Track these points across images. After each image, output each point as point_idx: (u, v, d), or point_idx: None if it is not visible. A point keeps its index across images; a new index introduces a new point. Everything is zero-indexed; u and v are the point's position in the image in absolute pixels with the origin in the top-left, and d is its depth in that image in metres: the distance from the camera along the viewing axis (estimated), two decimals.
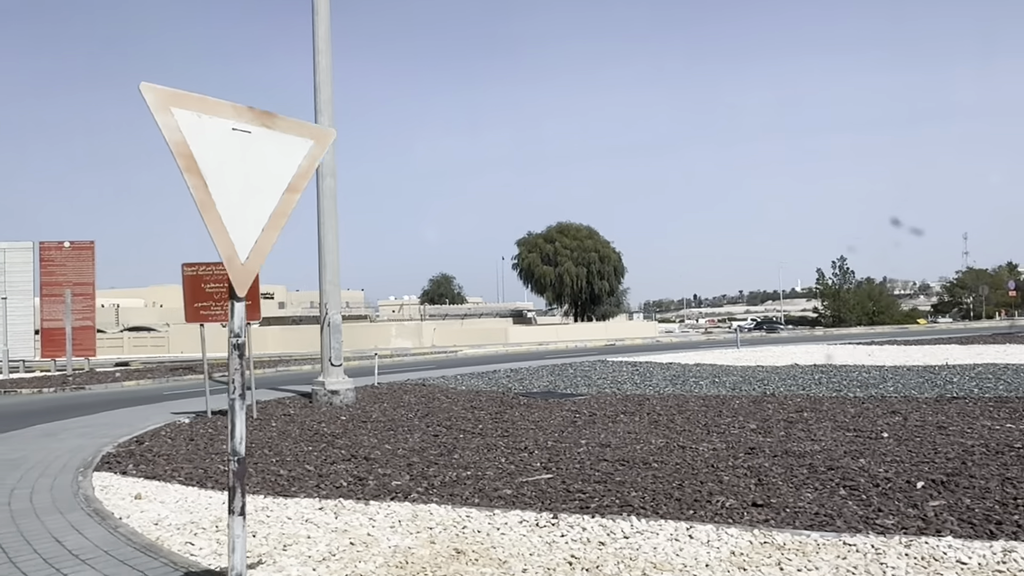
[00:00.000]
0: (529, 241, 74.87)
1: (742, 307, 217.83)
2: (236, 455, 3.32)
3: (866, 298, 64.09)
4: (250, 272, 3.37)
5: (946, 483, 6.47)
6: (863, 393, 13.33)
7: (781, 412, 11.24)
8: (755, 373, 18.35)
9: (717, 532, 5.31)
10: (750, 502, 6.12)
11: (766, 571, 4.57)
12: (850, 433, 9.12)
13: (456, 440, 9.77)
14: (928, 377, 15.73)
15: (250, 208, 3.39)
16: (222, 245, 3.28)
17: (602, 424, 10.72)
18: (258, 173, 3.43)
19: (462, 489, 7.00)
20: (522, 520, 5.84)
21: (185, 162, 3.20)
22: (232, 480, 3.31)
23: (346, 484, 7.44)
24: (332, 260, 15.16)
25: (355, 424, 11.72)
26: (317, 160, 3.62)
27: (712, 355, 26.60)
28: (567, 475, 7.44)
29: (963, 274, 76.48)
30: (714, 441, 8.97)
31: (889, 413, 10.69)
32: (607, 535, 5.38)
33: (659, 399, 13.49)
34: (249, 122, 3.40)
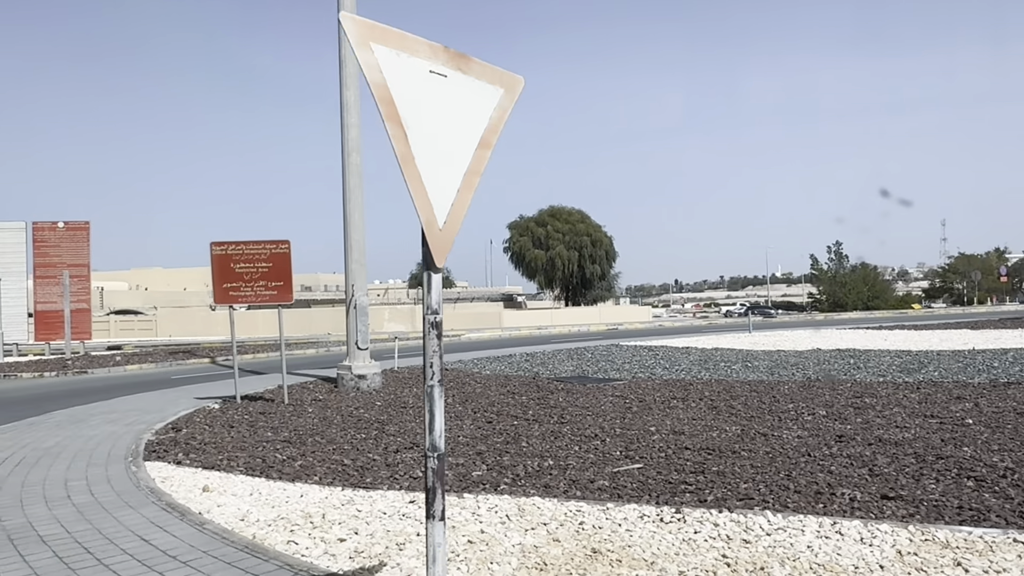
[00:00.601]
0: (520, 225, 74.25)
1: (723, 292, 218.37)
2: (436, 451, 2.86)
3: (861, 283, 64.13)
4: (448, 239, 2.91)
5: None
6: (910, 378, 13.01)
7: (839, 398, 10.88)
8: (783, 358, 18.02)
9: (867, 529, 4.92)
10: (877, 494, 5.73)
11: (949, 573, 4.18)
12: (932, 420, 8.76)
13: (514, 427, 9.34)
14: (965, 362, 15.46)
15: (446, 165, 2.92)
16: (421, 207, 2.81)
17: (658, 410, 10.32)
18: (452, 124, 2.96)
19: (553, 480, 6.58)
20: (642, 515, 5.43)
21: (386, 108, 2.73)
22: (432, 480, 2.85)
23: (422, 474, 6.99)
24: (358, 239, 14.63)
25: (395, 410, 11.26)
26: (507, 112, 3.15)
27: (726, 340, 26.28)
28: (656, 465, 7.04)
29: (955, 259, 76.86)
30: (792, 428, 8.59)
31: (954, 399, 10.36)
32: (744, 531, 4.98)
33: (701, 384, 13.11)
34: (444, 64, 2.92)
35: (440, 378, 2.88)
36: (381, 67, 2.70)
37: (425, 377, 2.87)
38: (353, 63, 14.55)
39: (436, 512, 2.85)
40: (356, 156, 14.58)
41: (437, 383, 2.86)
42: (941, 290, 78.77)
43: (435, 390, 2.86)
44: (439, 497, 2.85)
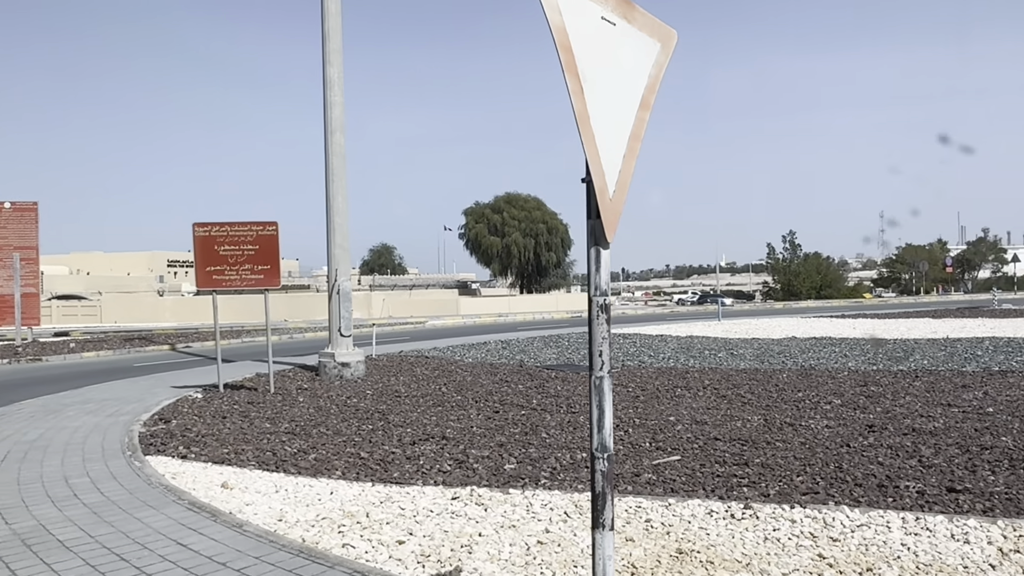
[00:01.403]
0: (476, 211, 73.68)
1: (669, 281, 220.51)
2: (605, 451, 2.51)
3: (814, 272, 65.16)
4: (617, 211, 2.55)
5: None
6: (903, 367, 13.01)
7: (844, 387, 10.78)
8: (765, 346, 18.00)
9: (954, 524, 4.71)
10: (941, 487, 5.54)
11: None
12: (953, 410, 8.67)
13: (525, 418, 9.01)
14: (949, 350, 15.57)
15: (614, 126, 2.56)
16: (595, 172, 2.45)
17: (667, 399, 10.08)
18: (619, 80, 2.60)
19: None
20: (709, 511, 5.15)
21: (566, 57, 2.36)
22: (601, 484, 2.50)
23: (450, 468, 6.63)
24: (341, 223, 14.10)
25: (390, 399, 10.84)
26: (663, 70, 2.79)
27: (697, 327, 26.26)
28: (694, 456, 6.78)
29: (902, 250, 78.62)
30: (816, 418, 8.41)
31: (960, 388, 10.32)
32: (825, 528, 4.73)
33: (698, 373, 12.93)
34: (613, 10, 2.56)
35: (610, 368, 2.52)
36: (561, 8, 2.33)
37: (592, 367, 2.51)
38: (337, 38, 14.01)
39: (606, 521, 2.50)
40: (340, 136, 14.04)
41: (607, 374, 2.51)
42: (889, 280, 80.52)
43: (604, 382, 2.51)
44: (609, 504, 2.50)
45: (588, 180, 2.48)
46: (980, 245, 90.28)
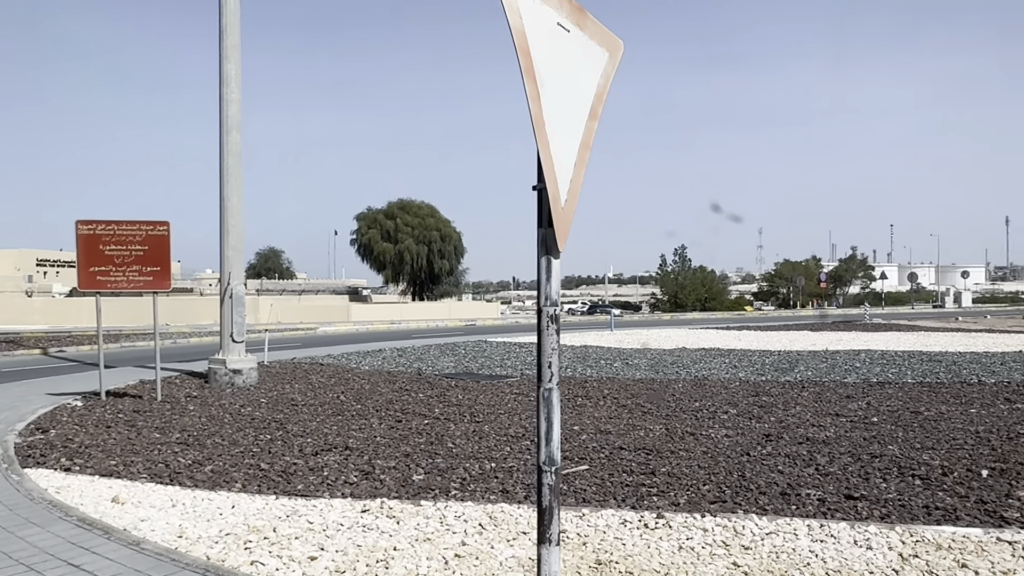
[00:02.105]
0: (369, 216, 72.68)
1: None
2: (553, 464, 2.46)
3: (700, 285, 67.41)
4: (568, 219, 2.51)
5: (1005, 471, 6.40)
6: (790, 377, 13.54)
7: (738, 396, 11.12)
8: (658, 356, 18.41)
9: (856, 531, 4.89)
10: (840, 495, 5.76)
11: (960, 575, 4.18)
12: (842, 419, 9.05)
13: (430, 427, 8.90)
14: (830, 362, 16.31)
15: (566, 134, 2.52)
16: (549, 179, 2.40)
17: (570, 409, 10.15)
18: (571, 88, 2.56)
19: (505, 484, 6.22)
20: (624, 521, 5.18)
21: (525, 61, 2.30)
22: (548, 498, 2.45)
23: (357, 479, 6.46)
24: (236, 224, 13.60)
25: (287, 408, 10.50)
26: (610, 80, 2.77)
27: (591, 337, 26.66)
28: (602, 466, 6.84)
29: (780, 266, 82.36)
30: (715, 427, 8.63)
31: (844, 398, 10.81)
32: (736, 536, 4.83)
33: (597, 382, 13.09)
34: (568, 16, 2.52)
35: (558, 380, 2.48)
36: (521, 11, 2.28)
37: (541, 379, 2.46)
38: (235, 33, 13.55)
39: (552, 536, 2.45)
40: (236, 135, 13.56)
41: (556, 386, 2.47)
42: (768, 294, 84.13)
43: (553, 394, 2.47)
44: (556, 519, 2.45)
45: (541, 188, 2.44)
46: (851, 262, 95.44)
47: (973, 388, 11.69)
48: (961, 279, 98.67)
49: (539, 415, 2.48)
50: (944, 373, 13.76)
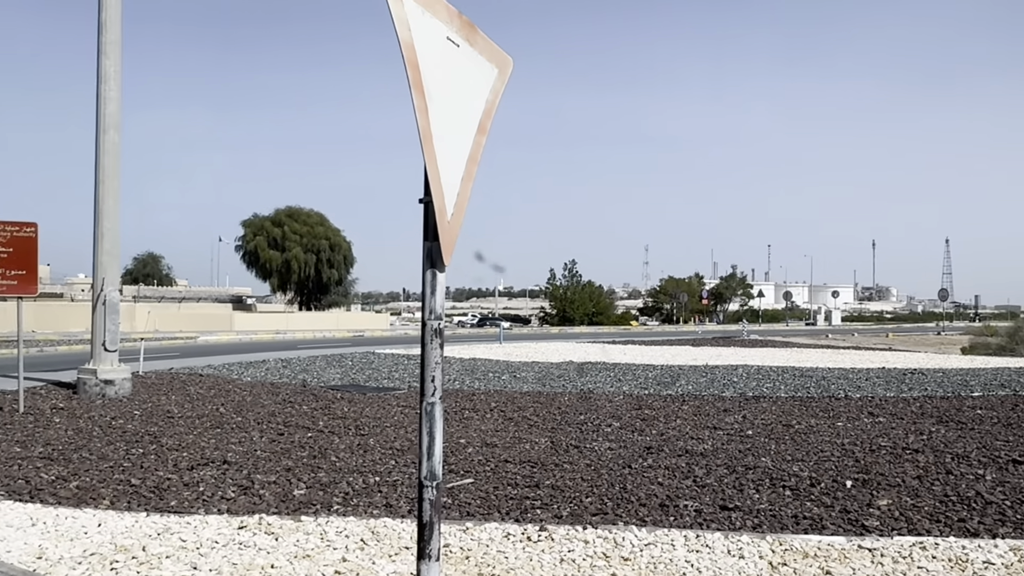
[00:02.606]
0: (256, 223, 70.78)
1: (449, 303, 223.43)
2: (435, 479, 2.44)
3: (588, 300, 68.68)
4: (455, 233, 2.50)
5: (867, 482, 6.75)
6: (671, 391, 13.92)
7: (622, 409, 11.36)
8: (545, 369, 18.61)
9: (730, 541, 5.06)
10: (716, 505, 5.96)
11: None
12: (719, 432, 9.36)
13: (313, 440, 8.72)
14: (709, 376, 16.87)
15: (453, 148, 2.52)
16: (436, 193, 2.39)
17: (456, 421, 10.13)
18: (459, 103, 2.56)
19: (388, 498, 6.16)
20: (507, 534, 5.20)
21: (413, 74, 2.28)
22: (429, 513, 2.43)
23: (235, 495, 6.26)
24: (111, 227, 13.00)
25: (162, 420, 10.08)
26: (499, 96, 2.79)
27: (480, 350, 26.71)
28: (487, 479, 6.86)
29: (665, 282, 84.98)
30: (599, 440, 8.78)
31: (722, 412, 11.19)
32: (616, 547, 4.92)
33: (484, 395, 13.12)
34: (458, 31, 2.52)
35: (441, 394, 2.47)
36: (410, 24, 2.27)
37: (424, 393, 2.45)
38: (116, 29, 12.99)
39: (433, 552, 2.44)
40: (115, 134, 12.98)
41: (439, 400, 2.45)
42: (653, 309, 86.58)
43: (436, 408, 2.45)
44: (436, 534, 2.44)
45: (427, 201, 2.43)
46: (731, 280, 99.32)
47: (840, 402, 12.31)
48: (832, 298, 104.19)
49: (421, 429, 2.46)
50: (814, 388, 14.44)
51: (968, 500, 6.07)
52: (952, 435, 9.07)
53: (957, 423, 9.99)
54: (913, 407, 11.61)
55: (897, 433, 9.22)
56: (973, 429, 9.50)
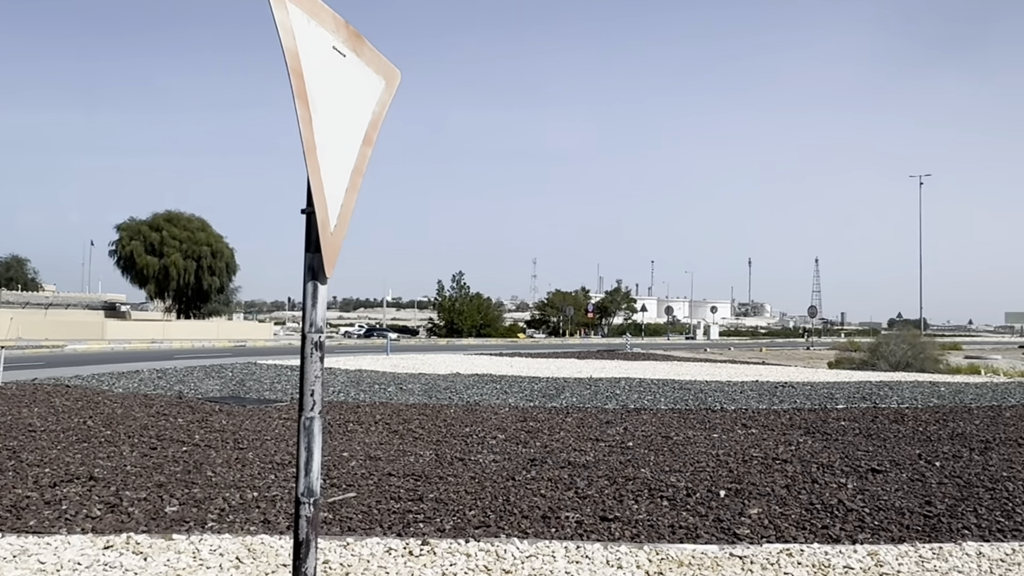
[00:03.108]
0: (132, 227, 67.72)
1: (335, 313, 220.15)
2: (312, 496, 2.39)
3: (476, 311, 68.82)
4: (338, 245, 2.46)
5: (739, 491, 7.02)
6: (556, 404, 14.11)
7: (507, 422, 11.43)
8: (432, 381, 18.53)
9: (609, 551, 5.16)
10: (596, 516, 6.07)
11: None
12: (601, 444, 9.54)
13: (188, 455, 8.40)
14: (592, 388, 17.19)
15: (338, 159, 2.48)
16: (319, 204, 2.34)
17: (340, 434, 9.97)
18: (345, 114, 2.53)
19: (267, 514, 5.99)
20: (388, 548, 5.14)
21: (297, 83, 2.24)
22: (306, 531, 2.37)
23: (101, 513, 5.97)
24: None
25: (22, 434, 9.50)
26: (386, 108, 2.77)
27: (366, 361, 26.36)
28: (370, 493, 6.77)
29: (552, 295, 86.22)
30: (484, 452, 8.81)
31: (604, 424, 11.42)
32: (498, 560, 4.95)
33: (369, 407, 12.96)
34: (344, 41, 2.49)
35: (321, 409, 2.43)
36: (295, 31, 2.24)
37: (303, 407, 2.40)
38: None
39: (309, 570, 2.39)
40: None
41: (318, 415, 2.41)
42: (540, 322, 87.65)
43: (315, 423, 2.41)
44: (313, 551, 2.39)
45: (310, 212, 2.40)
46: (615, 295, 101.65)
47: (716, 414, 12.77)
48: (711, 313, 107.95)
49: (299, 444, 2.41)
50: (692, 400, 14.92)
51: (831, 508, 6.40)
52: (818, 446, 9.55)
53: (823, 434, 10.52)
54: (783, 419, 12.15)
55: (768, 444, 9.62)
56: (837, 440, 10.02)
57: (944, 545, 5.39)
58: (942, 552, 5.22)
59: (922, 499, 6.72)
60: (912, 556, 5.13)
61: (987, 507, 6.49)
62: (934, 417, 12.40)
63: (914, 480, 7.51)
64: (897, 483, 7.37)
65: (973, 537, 5.64)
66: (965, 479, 7.56)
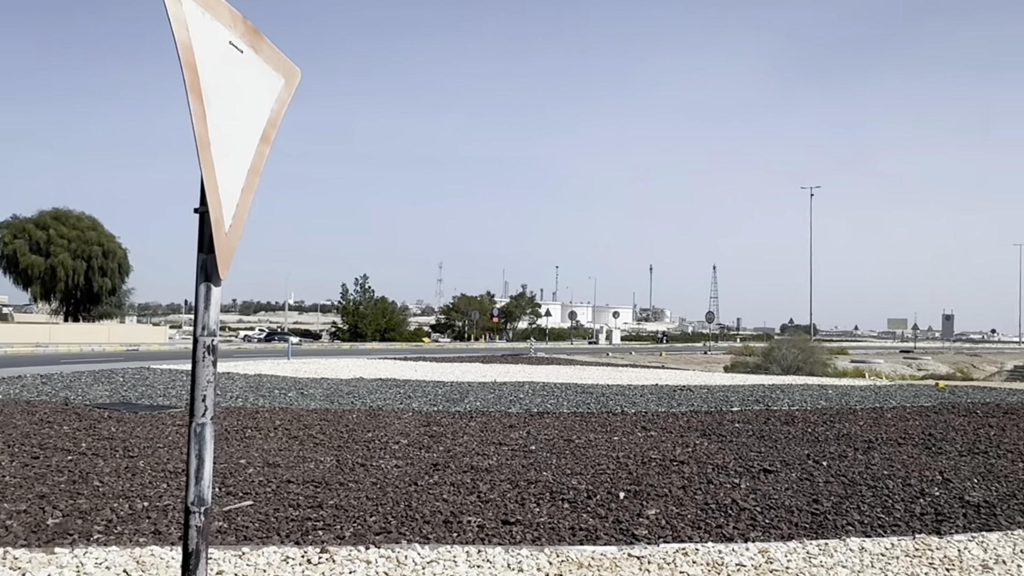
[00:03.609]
0: (16, 225, 64.31)
1: (235, 316, 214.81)
2: (203, 505, 2.31)
3: (380, 315, 68.09)
4: (233, 245, 2.38)
5: (638, 493, 7.16)
6: (460, 408, 14.10)
7: (410, 427, 11.35)
8: (334, 386, 18.24)
9: (510, 555, 5.18)
10: (498, 520, 6.09)
11: None
12: (504, 448, 9.57)
13: (73, 464, 8.03)
14: (497, 392, 17.24)
15: (234, 157, 2.41)
16: (213, 203, 2.27)
17: (237, 440, 9.70)
18: (242, 111, 2.45)
19: (158, 524, 5.78)
20: (286, 557, 5.03)
21: (191, 77, 2.16)
22: (196, 541, 2.28)
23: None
24: None
25: None
26: (285, 106, 2.70)
27: (266, 366, 25.72)
28: (267, 501, 6.61)
29: (457, 300, 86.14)
30: (386, 458, 8.72)
31: (508, 428, 11.47)
32: (399, 566, 4.91)
33: (269, 413, 12.65)
34: (242, 37, 2.42)
35: (214, 414, 2.35)
36: (188, 24, 2.16)
37: (194, 413, 2.32)
38: None
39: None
40: None
41: (210, 421, 2.34)
42: (445, 326, 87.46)
43: (206, 430, 2.33)
44: (203, 563, 2.31)
45: (203, 211, 2.32)
46: (520, 299, 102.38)
47: (617, 417, 12.99)
48: (613, 319, 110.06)
49: (190, 451, 2.33)
50: (594, 404, 15.15)
51: (725, 507, 6.59)
52: (714, 447, 9.83)
53: (718, 436, 10.83)
54: (681, 421, 12.46)
55: (666, 446, 9.85)
56: (732, 441, 10.34)
57: (830, 541, 5.63)
58: (828, 548, 5.45)
59: (810, 497, 7.00)
60: (800, 552, 5.33)
61: (869, 504, 6.81)
62: (822, 419, 12.94)
63: (803, 479, 7.81)
64: (787, 482, 7.66)
65: (856, 533, 5.90)
66: (850, 478, 7.91)
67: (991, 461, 9.05)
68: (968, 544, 5.63)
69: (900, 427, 11.98)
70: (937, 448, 9.97)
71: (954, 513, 6.56)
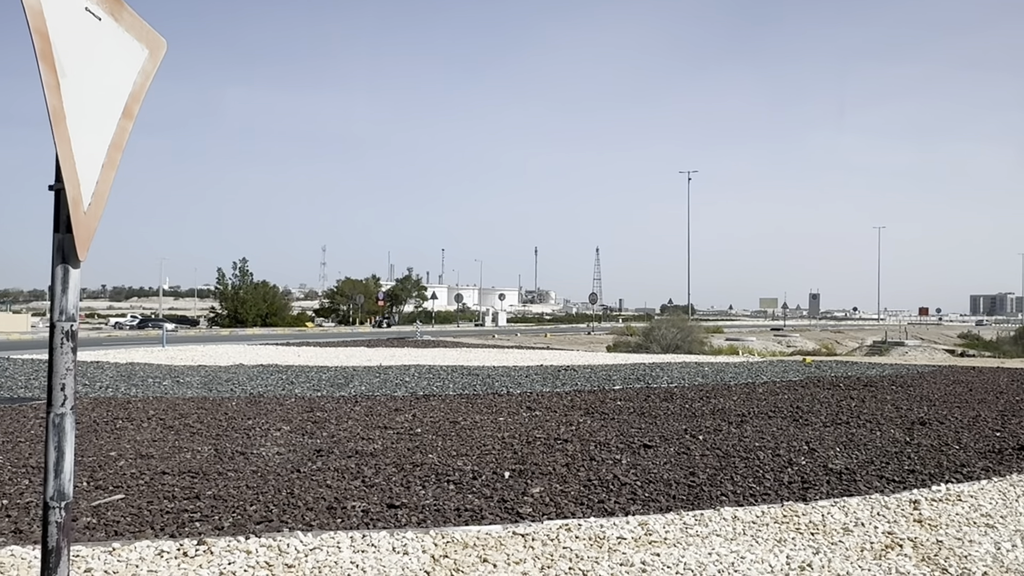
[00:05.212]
0: None
1: (105, 303, 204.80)
2: (64, 499, 2.18)
3: (261, 300, 66.17)
4: (92, 225, 2.24)
5: (523, 472, 7.24)
6: (345, 393, 13.90)
7: (293, 413, 11.12)
8: (213, 373, 17.65)
9: (395, 538, 5.16)
10: (383, 504, 6.04)
11: (481, 569, 4.64)
12: (389, 431, 9.50)
13: None
14: (382, 376, 17.09)
15: (94, 132, 2.26)
16: (69, 180, 2.12)
17: (108, 431, 9.27)
18: (101, 83, 2.30)
19: (18, 523, 5.46)
20: (160, 551, 4.84)
21: (41, 45, 2.00)
22: (56, 538, 2.15)
23: None
24: None
25: None
26: (150, 79, 2.56)
27: (140, 354, 24.61)
28: (140, 494, 6.35)
29: (342, 283, 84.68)
30: (267, 445, 8.51)
31: (394, 411, 11.39)
32: (281, 555, 4.81)
33: (143, 402, 12.13)
34: (101, 4, 2.27)
35: (74, 404, 2.22)
36: None
37: (52, 403, 2.19)
38: None
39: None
40: None
41: (70, 411, 2.21)
42: (330, 310, 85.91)
43: (66, 420, 2.20)
44: (64, 561, 2.19)
45: (59, 188, 2.19)
46: (406, 282, 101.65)
47: (503, 398, 13.11)
48: (499, 301, 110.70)
49: (48, 444, 2.20)
50: (480, 386, 15.23)
51: (607, 483, 6.76)
52: (596, 425, 10.05)
53: (601, 414, 11.09)
54: (565, 401, 12.69)
55: (551, 425, 10.01)
56: (614, 419, 10.61)
57: (705, 511, 5.86)
58: (703, 518, 5.67)
59: (687, 471, 7.26)
60: (677, 523, 5.53)
61: (742, 475, 7.12)
62: (699, 395, 13.44)
63: (680, 453, 8.10)
64: (666, 457, 7.92)
65: (730, 503, 6.17)
66: (724, 450, 8.25)
67: (852, 431, 9.62)
68: (831, 509, 5.97)
69: (771, 401, 12.57)
70: (804, 420, 10.52)
71: (819, 480, 6.94)
